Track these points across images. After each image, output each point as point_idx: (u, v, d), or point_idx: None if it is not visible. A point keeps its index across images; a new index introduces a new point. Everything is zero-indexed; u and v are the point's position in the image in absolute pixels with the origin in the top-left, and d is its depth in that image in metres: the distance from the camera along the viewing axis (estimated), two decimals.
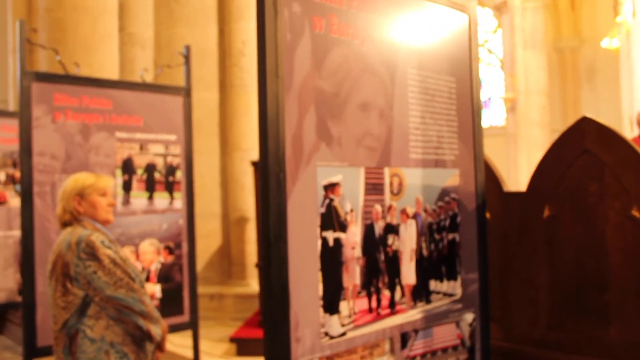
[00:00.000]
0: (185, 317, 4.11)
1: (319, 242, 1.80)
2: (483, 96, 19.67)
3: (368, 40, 2.00)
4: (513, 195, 2.57)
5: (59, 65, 4.03)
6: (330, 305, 1.83)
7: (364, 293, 1.95)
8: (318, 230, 1.80)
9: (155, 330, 2.55)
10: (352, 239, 1.91)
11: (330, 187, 1.85)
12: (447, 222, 2.29)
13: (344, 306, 1.87)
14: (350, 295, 1.89)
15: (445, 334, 2.26)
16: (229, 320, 5.39)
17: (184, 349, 4.50)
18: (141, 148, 3.95)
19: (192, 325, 4.15)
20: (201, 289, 5.18)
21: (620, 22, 12.08)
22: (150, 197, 3.97)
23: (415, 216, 2.15)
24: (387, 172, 2.05)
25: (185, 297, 4.12)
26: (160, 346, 2.67)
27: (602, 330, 2.22)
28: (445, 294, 2.27)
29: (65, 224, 2.67)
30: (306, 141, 1.78)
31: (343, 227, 1.88)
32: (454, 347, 2.29)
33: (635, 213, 2.11)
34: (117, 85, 3.91)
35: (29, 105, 3.55)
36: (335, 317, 1.84)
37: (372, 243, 1.99)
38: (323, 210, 1.82)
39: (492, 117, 19.73)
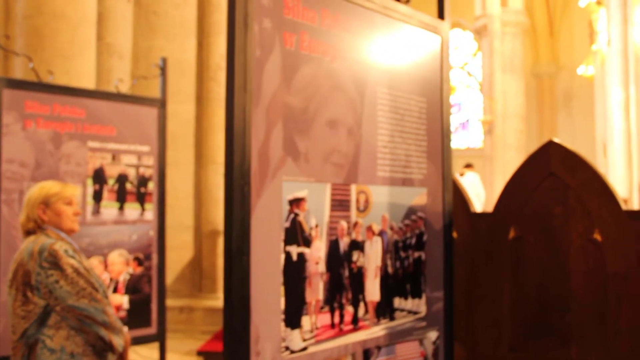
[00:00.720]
0: (152, 329, 4.07)
1: (282, 256, 1.80)
2: (461, 118, 19.98)
3: (339, 57, 2.02)
4: (480, 216, 2.60)
5: (33, 73, 4.01)
6: (292, 319, 1.82)
7: (326, 308, 1.94)
8: (282, 244, 1.80)
9: (117, 341, 2.52)
10: (316, 254, 1.91)
11: (296, 202, 1.85)
12: (413, 240, 2.30)
13: (306, 321, 1.86)
14: (312, 310, 1.89)
15: (409, 351, 2.26)
16: (198, 334, 5.34)
17: None
18: (113, 158, 3.93)
19: (160, 338, 4.11)
20: (171, 302, 5.14)
21: (596, 51, 12.32)
22: (121, 208, 3.95)
23: (381, 233, 2.16)
24: (353, 188, 2.06)
25: (153, 309, 4.08)
26: (122, 357, 2.64)
27: (563, 351, 2.25)
28: (410, 312, 2.27)
29: (28, 232, 2.63)
30: (273, 155, 1.79)
31: (307, 242, 1.88)
32: None
33: (597, 236, 2.14)
34: (91, 95, 3.90)
35: None
36: (296, 332, 1.83)
37: (337, 259, 1.99)
38: (287, 224, 1.82)
39: (469, 138, 19.88)
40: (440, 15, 2.51)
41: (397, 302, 2.22)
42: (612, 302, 2.10)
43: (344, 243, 2.01)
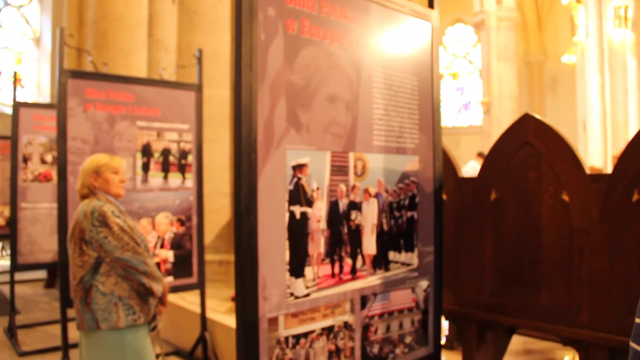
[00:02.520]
0: (194, 279, 4.07)
1: (287, 215, 1.74)
2: (464, 100, 19.62)
3: (337, 41, 1.92)
4: (466, 180, 2.50)
5: (104, 66, 4.01)
6: (296, 269, 1.77)
7: (327, 260, 1.88)
8: (286, 204, 1.73)
9: (157, 288, 2.50)
10: (318, 213, 1.84)
11: (298, 168, 1.78)
12: (407, 202, 2.22)
13: (308, 271, 1.81)
14: (314, 261, 1.83)
15: (402, 298, 2.20)
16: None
17: (195, 306, 4.47)
18: (158, 135, 3.88)
19: (200, 286, 4.11)
20: (211, 256, 5.13)
21: (577, 42, 11.92)
22: (165, 177, 3.91)
23: (377, 195, 2.08)
24: (351, 156, 1.98)
25: (194, 262, 4.07)
26: (162, 301, 2.62)
27: (535, 297, 2.16)
28: (403, 264, 2.20)
29: (83, 197, 2.62)
30: (277, 127, 1.71)
31: (309, 203, 1.81)
32: (410, 309, 2.23)
33: (565, 197, 2.03)
34: (139, 82, 3.84)
35: (65, 98, 3.49)
36: (300, 280, 1.78)
37: (337, 217, 1.92)
38: (291, 187, 1.75)
39: (471, 117, 19.53)
40: (430, 4, 2.39)
41: (392, 255, 2.15)
42: (576, 254, 2.00)
43: (343, 204, 1.94)
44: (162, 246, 3.88)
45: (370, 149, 2.05)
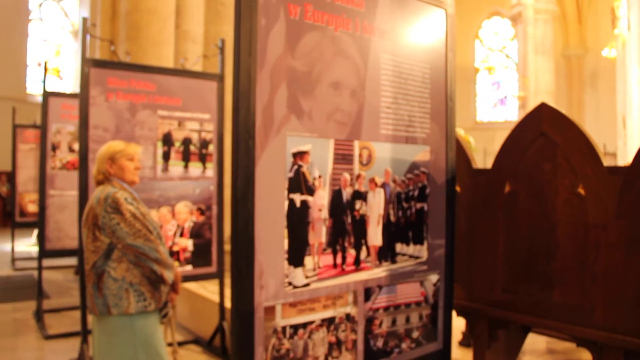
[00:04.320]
0: (213, 268, 4.09)
1: (286, 203, 1.70)
2: (500, 94, 19.22)
3: (342, 27, 1.86)
4: (480, 172, 2.41)
5: (127, 55, 4.07)
6: (295, 258, 1.73)
7: (329, 250, 1.83)
8: (285, 192, 1.69)
9: (168, 275, 2.51)
10: (319, 202, 1.80)
11: (299, 155, 1.74)
12: (416, 193, 2.15)
13: (308, 260, 1.77)
14: (315, 251, 1.79)
15: (409, 291, 2.13)
16: None
17: (215, 295, 4.49)
18: (179, 124, 3.91)
19: (219, 275, 4.13)
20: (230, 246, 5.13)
21: (618, 35, 11.47)
22: (186, 166, 3.94)
23: (383, 185, 2.02)
24: (356, 144, 1.92)
25: (213, 252, 4.09)
26: (174, 288, 2.63)
27: (548, 294, 2.07)
28: (411, 256, 2.14)
29: (98, 183, 2.65)
30: (277, 113, 1.67)
31: (310, 191, 1.77)
32: (418, 303, 2.16)
33: (580, 190, 1.93)
34: (160, 72, 3.87)
35: (87, 87, 3.54)
36: (299, 270, 1.74)
37: (340, 207, 1.87)
38: (291, 175, 1.71)
39: (507, 112, 19.14)
40: None
41: (399, 247, 2.09)
42: (591, 250, 1.90)
43: (346, 193, 1.89)
44: (181, 235, 3.91)
45: (377, 138, 1.99)
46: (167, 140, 3.88)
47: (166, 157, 3.87)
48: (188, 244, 3.94)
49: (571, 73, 17.52)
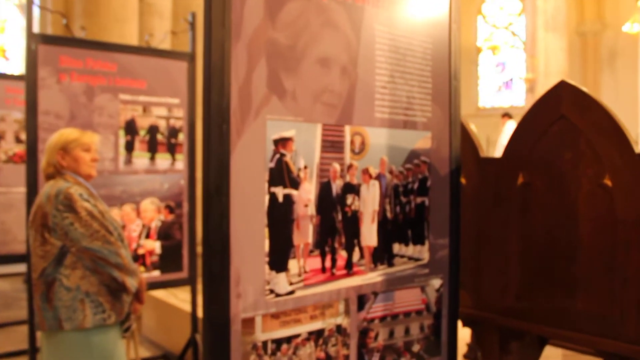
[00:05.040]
0: (184, 274, 4.03)
1: (267, 197, 1.67)
2: (505, 77, 19.32)
3: None
4: (489, 161, 2.39)
5: (81, 30, 3.98)
6: (277, 262, 1.70)
7: (317, 252, 1.82)
8: (266, 185, 1.66)
9: (131, 282, 2.44)
10: (305, 196, 1.77)
11: (282, 142, 1.71)
12: (416, 185, 2.13)
13: (293, 264, 1.74)
14: (301, 253, 1.76)
15: (409, 298, 2.11)
16: None
17: (186, 304, 4.44)
18: (144, 110, 3.84)
19: (191, 282, 4.07)
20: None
21: None
22: (152, 158, 3.87)
23: (379, 177, 2.00)
24: (348, 130, 1.89)
25: (184, 255, 4.03)
26: (138, 298, 2.57)
27: (570, 302, 2.04)
28: (411, 258, 2.12)
29: (49, 177, 2.57)
30: (255, 93, 1.64)
31: (295, 184, 1.74)
32: (418, 312, 2.15)
33: (607, 181, 1.90)
34: (122, 49, 3.78)
35: (35, 66, 3.45)
36: (282, 275, 1.71)
37: (329, 201, 1.85)
38: (272, 165, 1.68)
39: (513, 97, 19.20)
40: None
41: (397, 248, 2.07)
42: (621, 250, 1.87)
43: (336, 186, 1.87)
44: (147, 236, 3.85)
45: (371, 122, 1.96)
46: (131, 128, 3.81)
47: (129, 147, 3.80)
48: (155, 246, 3.88)
49: (586, 52, 17.61)
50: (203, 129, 1.57)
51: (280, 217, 1.70)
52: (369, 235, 1.97)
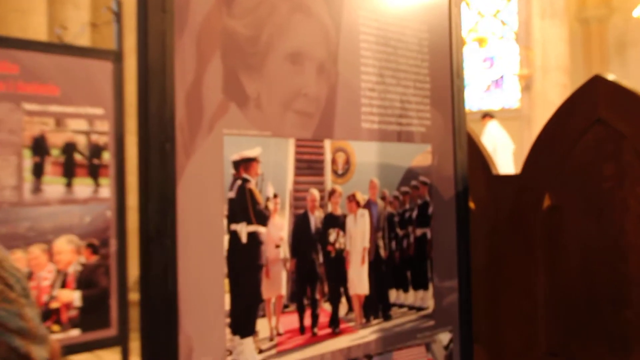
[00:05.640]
0: (112, 331, 3.87)
1: (226, 238, 1.58)
2: (495, 74, 19.72)
3: None
4: (504, 180, 2.36)
5: None
6: (242, 324, 1.61)
7: (293, 307, 1.75)
8: (224, 221, 1.58)
9: (38, 353, 2.24)
10: (276, 233, 1.70)
11: (244, 164, 1.63)
12: (415, 214, 2.10)
13: (263, 325, 1.66)
14: (272, 310, 1.69)
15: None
16: None
17: None
18: (57, 124, 3.69)
19: (121, 341, 3.90)
20: (137, 296, 4.91)
21: None
22: (69, 184, 3.73)
23: (368, 205, 1.95)
24: (328, 145, 1.84)
25: (112, 306, 3.88)
26: None
27: (619, 357, 2.00)
28: (412, 308, 2.08)
29: None
30: (208, 100, 1.56)
31: (262, 218, 1.67)
32: None
33: None
34: (26, 46, 3.62)
35: None
36: (249, 341, 1.62)
37: (306, 239, 1.79)
38: (232, 194, 1.60)
39: (505, 97, 19.57)
40: None
41: (394, 295, 2.03)
42: None
43: (315, 218, 1.81)
44: (63, 285, 3.69)
45: (357, 135, 1.92)
46: (40, 147, 3.65)
47: (38, 171, 3.64)
48: (74, 297, 3.73)
49: (590, 41, 18.10)
50: (139, 151, 1.47)
51: (244, 263, 1.62)
52: (359, 280, 1.92)
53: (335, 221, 1.85)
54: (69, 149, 3.78)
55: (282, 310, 1.71)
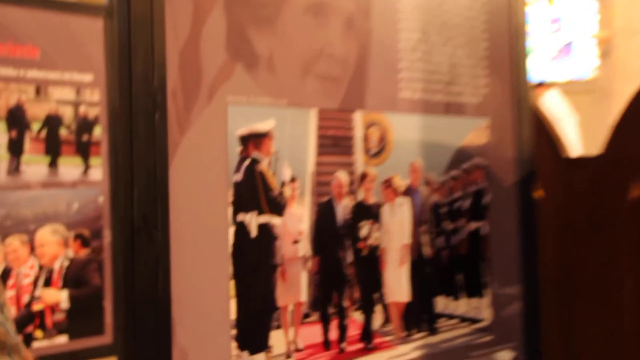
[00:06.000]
0: (106, 338, 3.85)
1: (231, 230, 1.58)
2: (563, 39, 19.62)
3: None
4: (580, 163, 2.32)
5: None
6: (251, 336, 1.62)
7: (315, 317, 1.76)
8: (229, 210, 1.58)
9: None
10: (295, 226, 1.72)
11: (253, 140, 1.64)
12: (467, 204, 2.12)
13: (278, 338, 1.67)
14: (289, 320, 1.69)
15: None
16: None
17: None
18: (37, 92, 3.66)
19: (117, 350, 3.90)
20: None
21: None
22: (53, 164, 3.69)
23: (409, 192, 1.94)
24: (358, 118, 1.84)
25: (106, 309, 3.86)
26: None
27: None
28: (464, 319, 2.10)
29: None
30: (208, 61, 1.57)
31: (276, 207, 1.68)
32: None
33: None
34: None
35: None
36: (260, 358, 1.62)
37: (331, 234, 1.81)
38: (239, 177, 1.61)
39: (576, 66, 19.39)
40: None
41: (442, 303, 2.05)
42: None
43: (343, 207, 1.82)
44: (48, 283, 3.68)
45: (394, 106, 1.93)
46: (17, 119, 3.61)
47: (16, 149, 3.60)
48: (60, 297, 3.71)
49: None
50: (122, 123, 1.59)
51: (254, 261, 1.63)
52: (397, 285, 1.93)
53: (367, 211, 1.85)
54: (53, 122, 3.76)
55: (302, 320, 1.71)
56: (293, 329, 1.69)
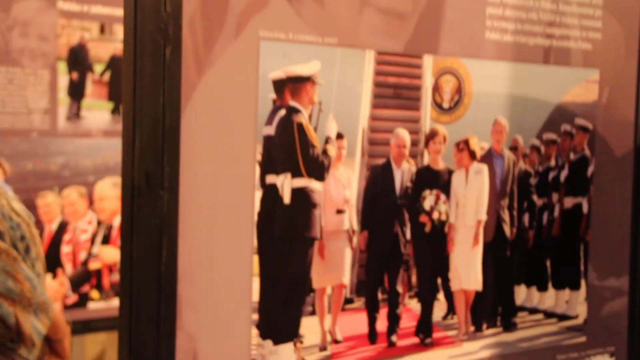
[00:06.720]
0: None
1: (258, 195, 1.52)
2: None
3: None
4: None
5: None
6: (277, 323, 1.57)
7: (360, 303, 1.71)
8: (256, 170, 1.51)
9: (34, 325, 2.20)
10: (339, 193, 1.66)
11: (291, 86, 1.55)
12: (564, 175, 2.07)
13: (311, 327, 1.61)
14: (327, 305, 1.64)
15: None
16: None
17: None
18: (102, 30, 3.66)
19: None
20: None
21: None
22: (117, 110, 3.71)
23: (489, 157, 1.88)
24: (429, 64, 1.76)
25: None
26: (56, 351, 2.35)
27: None
28: (550, 315, 2.03)
29: None
30: None
31: (317, 169, 1.59)
32: None
33: None
34: None
35: None
36: (287, 348, 1.56)
37: (387, 204, 1.74)
38: (271, 130, 1.53)
39: None
40: None
41: (523, 295, 1.98)
42: None
43: (403, 173, 1.75)
44: (106, 241, 3.69)
45: (477, 51, 1.83)
46: (79, 60, 3.65)
47: (76, 92, 3.65)
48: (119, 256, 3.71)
49: None
50: (123, 58, 1.39)
51: (286, 233, 1.57)
52: (467, 270, 1.87)
53: (434, 178, 1.80)
54: (118, 64, 3.76)
55: (343, 306, 1.67)
56: (331, 316, 1.64)
